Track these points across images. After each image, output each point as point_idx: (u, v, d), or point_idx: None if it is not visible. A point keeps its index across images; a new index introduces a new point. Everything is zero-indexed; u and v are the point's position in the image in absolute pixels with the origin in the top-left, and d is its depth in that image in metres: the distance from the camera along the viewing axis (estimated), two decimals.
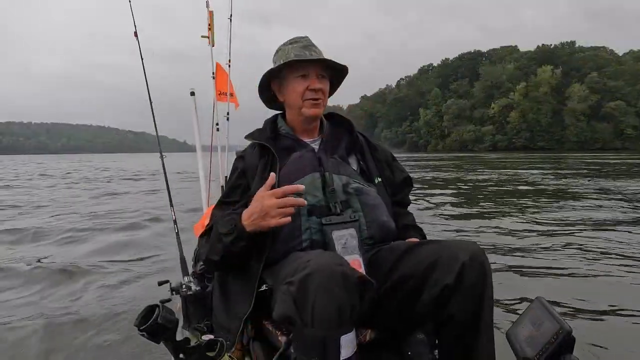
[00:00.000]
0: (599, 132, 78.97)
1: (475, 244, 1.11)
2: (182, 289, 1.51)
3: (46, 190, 13.30)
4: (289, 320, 0.94)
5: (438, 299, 1.06)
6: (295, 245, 1.21)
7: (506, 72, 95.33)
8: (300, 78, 1.34)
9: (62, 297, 3.29)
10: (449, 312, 1.06)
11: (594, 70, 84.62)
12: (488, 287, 1.06)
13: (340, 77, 1.46)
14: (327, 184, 1.28)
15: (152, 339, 0.92)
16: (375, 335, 1.18)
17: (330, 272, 0.91)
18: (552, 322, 0.96)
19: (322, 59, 1.35)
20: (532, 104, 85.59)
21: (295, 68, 1.35)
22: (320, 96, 1.36)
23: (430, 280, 1.07)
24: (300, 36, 1.43)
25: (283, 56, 1.37)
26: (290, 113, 1.44)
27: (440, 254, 1.09)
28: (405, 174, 1.54)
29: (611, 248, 4.54)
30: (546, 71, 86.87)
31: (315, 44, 1.41)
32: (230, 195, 1.38)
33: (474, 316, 1.05)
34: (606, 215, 6.64)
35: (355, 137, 1.47)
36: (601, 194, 9.50)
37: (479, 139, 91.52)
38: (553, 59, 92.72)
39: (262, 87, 1.44)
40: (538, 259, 4.18)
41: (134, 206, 8.67)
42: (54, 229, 6.11)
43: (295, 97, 1.36)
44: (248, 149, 1.46)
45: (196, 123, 2.62)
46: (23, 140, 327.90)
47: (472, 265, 1.04)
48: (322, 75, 1.37)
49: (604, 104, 79.23)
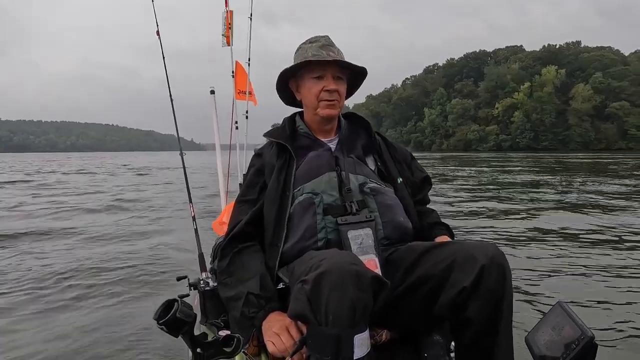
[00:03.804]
0: (602, 132, 79.02)
1: (494, 246, 1.08)
2: (200, 285, 1.51)
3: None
4: (303, 319, 0.95)
5: (455, 302, 1.04)
6: (310, 244, 1.21)
7: (511, 72, 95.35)
8: (317, 79, 1.34)
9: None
10: (466, 315, 1.03)
11: (599, 70, 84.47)
12: (508, 291, 1.03)
13: (358, 79, 1.46)
14: (344, 184, 1.28)
15: (170, 333, 0.93)
16: (391, 335, 1.19)
17: (344, 271, 0.91)
18: (574, 328, 0.93)
19: (337, 60, 1.33)
20: (536, 104, 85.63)
21: (311, 68, 1.34)
22: (336, 97, 1.35)
23: (448, 282, 1.06)
24: (320, 35, 1.41)
25: (302, 55, 1.36)
26: (307, 112, 1.44)
27: (458, 255, 1.07)
28: (425, 174, 1.54)
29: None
30: (550, 71, 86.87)
31: (334, 43, 1.39)
32: (248, 194, 1.38)
33: (492, 320, 1.02)
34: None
35: (373, 137, 1.46)
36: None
37: (483, 139, 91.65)
38: (558, 59, 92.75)
39: (280, 85, 1.44)
40: (557, 260, 4.10)
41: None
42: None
43: (311, 98, 1.36)
44: (266, 147, 1.46)
45: (216, 122, 2.64)
46: (33, 138, 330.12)
47: (491, 267, 1.02)
48: (338, 77, 1.36)
49: (608, 104, 79.11)
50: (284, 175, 1.32)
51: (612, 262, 4.05)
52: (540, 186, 12.17)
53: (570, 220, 6.27)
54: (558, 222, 6.15)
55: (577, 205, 8.08)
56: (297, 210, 1.25)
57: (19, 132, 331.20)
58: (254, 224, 1.31)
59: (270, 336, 1.07)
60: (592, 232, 5.49)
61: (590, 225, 5.91)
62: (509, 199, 9.21)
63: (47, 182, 15.74)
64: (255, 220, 1.32)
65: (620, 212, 7.05)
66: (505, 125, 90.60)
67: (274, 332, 1.07)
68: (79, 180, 16.90)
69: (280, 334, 1.06)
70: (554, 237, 5.25)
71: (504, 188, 11.75)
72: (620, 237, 5.17)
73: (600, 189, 10.97)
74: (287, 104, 1.52)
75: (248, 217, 1.32)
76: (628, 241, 4.97)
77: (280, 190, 1.29)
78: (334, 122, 1.45)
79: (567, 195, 9.71)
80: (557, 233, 5.51)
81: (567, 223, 6.05)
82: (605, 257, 4.26)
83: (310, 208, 1.24)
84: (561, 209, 7.69)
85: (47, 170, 25.40)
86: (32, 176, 19.14)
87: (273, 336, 1.06)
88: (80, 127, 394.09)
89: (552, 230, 5.67)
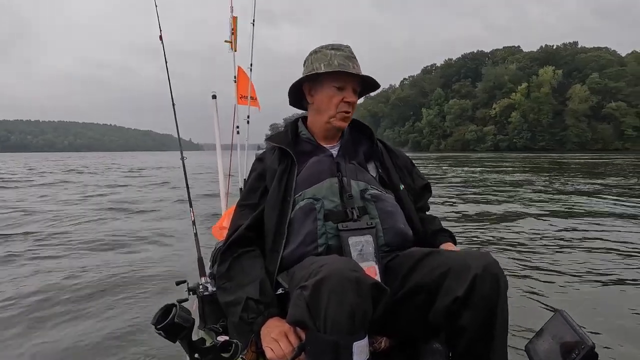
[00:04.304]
0: (599, 133, 79.28)
1: (489, 255, 1.07)
2: (199, 290, 1.51)
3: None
4: (302, 325, 0.95)
5: (449, 310, 1.04)
6: (311, 250, 1.21)
7: (508, 73, 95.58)
8: (338, 88, 1.35)
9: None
10: (460, 323, 1.04)
11: (595, 70, 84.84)
12: (502, 301, 1.03)
13: (366, 91, 1.47)
14: (345, 190, 1.28)
15: (168, 338, 0.92)
16: (390, 343, 1.18)
17: (343, 277, 0.91)
18: (574, 336, 0.93)
19: (365, 76, 1.36)
20: (534, 105, 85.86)
21: (335, 78, 1.34)
22: (351, 110, 1.38)
23: (442, 291, 1.06)
24: (342, 44, 1.41)
25: (324, 60, 1.35)
26: (316, 118, 1.42)
27: (452, 264, 1.06)
28: (425, 181, 1.55)
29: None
30: (548, 72, 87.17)
31: (355, 56, 1.40)
32: (249, 198, 1.38)
33: (486, 329, 1.02)
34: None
35: (375, 144, 1.47)
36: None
37: (480, 139, 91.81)
38: (555, 60, 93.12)
39: (296, 86, 1.43)
40: (559, 265, 4.05)
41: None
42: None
43: (330, 106, 1.36)
44: (267, 151, 1.46)
45: (217, 126, 2.64)
46: (31, 138, 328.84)
47: (484, 277, 1.01)
48: (355, 90, 1.38)
49: (604, 104, 79.47)
50: (285, 181, 1.32)
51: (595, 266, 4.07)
52: (520, 185, 12.42)
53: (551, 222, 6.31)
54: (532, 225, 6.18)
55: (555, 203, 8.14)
56: (297, 216, 1.26)
57: (16, 132, 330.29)
58: (254, 229, 1.32)
59: (268, 342, 1.06)
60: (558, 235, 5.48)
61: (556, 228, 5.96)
62: (487, 199, 9.33)
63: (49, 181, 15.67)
64: (255, 225, 1.32)
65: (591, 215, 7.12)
66: (503, 125, 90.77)
67: (272, 338, 1.07)
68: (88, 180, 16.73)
69: (279, 340, 1.05)
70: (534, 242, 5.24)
71: (488, 186, 12.01)
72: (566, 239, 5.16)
73: (579, 188, 11.16)
74: (292, 104, 1.51)
75: (248, 222, 1.32)
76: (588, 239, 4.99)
77: (281, 196, 1.30)
78: (341, 130, 1.45)
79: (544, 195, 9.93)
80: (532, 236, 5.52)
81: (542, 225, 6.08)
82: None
83: (311, 213, 1.24)
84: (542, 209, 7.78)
85: (45, 170, 25.40)
86: (35, 176, 19.20)
87: (272, 342, 1.06)
88: (78, 127, 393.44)
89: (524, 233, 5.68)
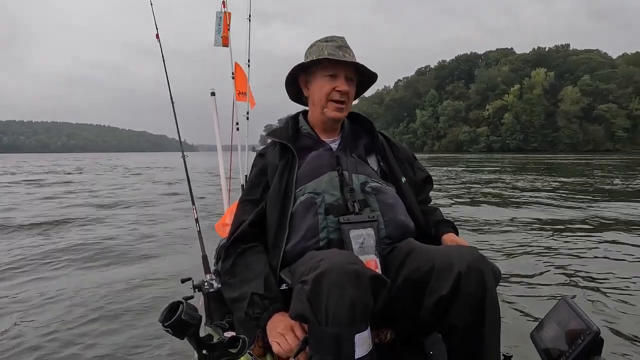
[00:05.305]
0: (590, 134, 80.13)
1: (474, 250, 1.05)
2: (204, 287, 1.51)
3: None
4: (304, 319, 0.95)
5: (436, 309, 1.03)
6: (312, 244, 1.21)
7: (501, 74, 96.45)
8: (329, 78, 1.34)
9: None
10: (450, 321, 1.03)
11: (587, 72, 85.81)
12: (489, 296, 1.01)
13: (367, 83, 1.46)
14: (346, 183, 1.27)
15: (176, 335, 0.92)
16: (396, 335, 1.18)
17: (343, 271, 0.91)
18: (579, 323, 0.92)
19: (353, 62, 1.34)
20: (526, 106, 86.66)
21: (325, 66, 1.34)
22: (345, 99, 1.36)
23: (428, 289, 1.05)
24: (337, 36, 1.41)
25: (317, 52, 1.35)
26: (313, 110, 1.43)
27: (437, 262, 1.05)
28: (426, 174, 1.55)
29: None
30: (540, 74, 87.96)
31: (349, 45, 1.39)
32: (251, 194, 1.38)
33: (475, 326, 1.01)
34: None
35: (376, 137, 1.47)
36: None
37: (474, 140, 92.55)
38: (547, 62, 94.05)
39: (289, 80, 1.43)
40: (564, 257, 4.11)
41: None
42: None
43: (320, 96, 1.36)
44: (269, 147, 1.46)
45: (217, 123, 2.63)
46: (24, 139, 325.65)
47: (468, 274, 0.99)
48: (350, 79, 1.37)
49: (596, 106, 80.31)
50: (287, 176, 1.32)
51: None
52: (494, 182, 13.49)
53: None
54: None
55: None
56: (298, 211, 1.25)
57: (8, 133, 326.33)
58: (257, 225, 1.32)
59: (275, 336, 1.07)
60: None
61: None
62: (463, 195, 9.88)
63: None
64: (258, 220, 1.32)
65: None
66: (496, 126, 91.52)
67: (278, 332, 1.07)
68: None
69: (285, 334, 1.06)
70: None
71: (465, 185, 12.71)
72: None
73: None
74: (292, 99, 1.52)
75: (251, 218, 1.32)
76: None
77: (282, 192, 1.29)
78: (339, 123, 1.45)
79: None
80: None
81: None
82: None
83: (311, 208, 1.24)
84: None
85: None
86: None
87: (278, 336, 1.06)
88: (71, 128, 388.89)
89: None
